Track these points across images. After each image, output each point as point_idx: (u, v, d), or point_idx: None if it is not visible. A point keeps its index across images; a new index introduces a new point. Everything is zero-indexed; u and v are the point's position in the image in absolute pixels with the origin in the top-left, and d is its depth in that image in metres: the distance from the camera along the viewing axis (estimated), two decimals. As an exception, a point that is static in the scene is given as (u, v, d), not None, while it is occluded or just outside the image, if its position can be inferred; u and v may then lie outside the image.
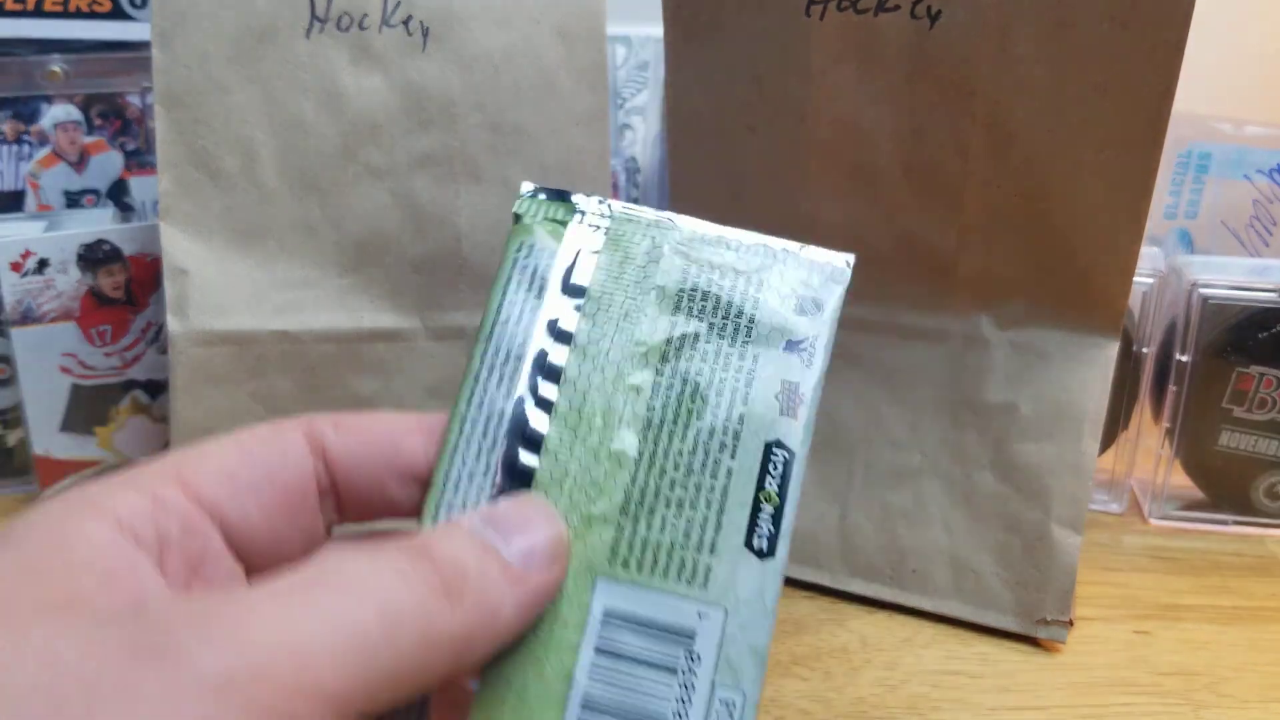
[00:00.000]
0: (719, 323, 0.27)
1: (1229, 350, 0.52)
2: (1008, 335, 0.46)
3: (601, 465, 0.26)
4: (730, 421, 0.26)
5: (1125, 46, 0.40)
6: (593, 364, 0.27)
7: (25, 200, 0.59)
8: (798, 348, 0.27)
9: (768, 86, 0.46)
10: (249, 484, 0.25)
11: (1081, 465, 0.44)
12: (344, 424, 0.26)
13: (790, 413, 0.26)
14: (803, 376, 0.27)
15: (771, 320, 0.27)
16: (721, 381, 0.27)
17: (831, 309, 0.28)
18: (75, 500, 0.22)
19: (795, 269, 0.28)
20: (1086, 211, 0.43)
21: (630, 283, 0.28)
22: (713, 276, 0.28)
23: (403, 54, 0.49)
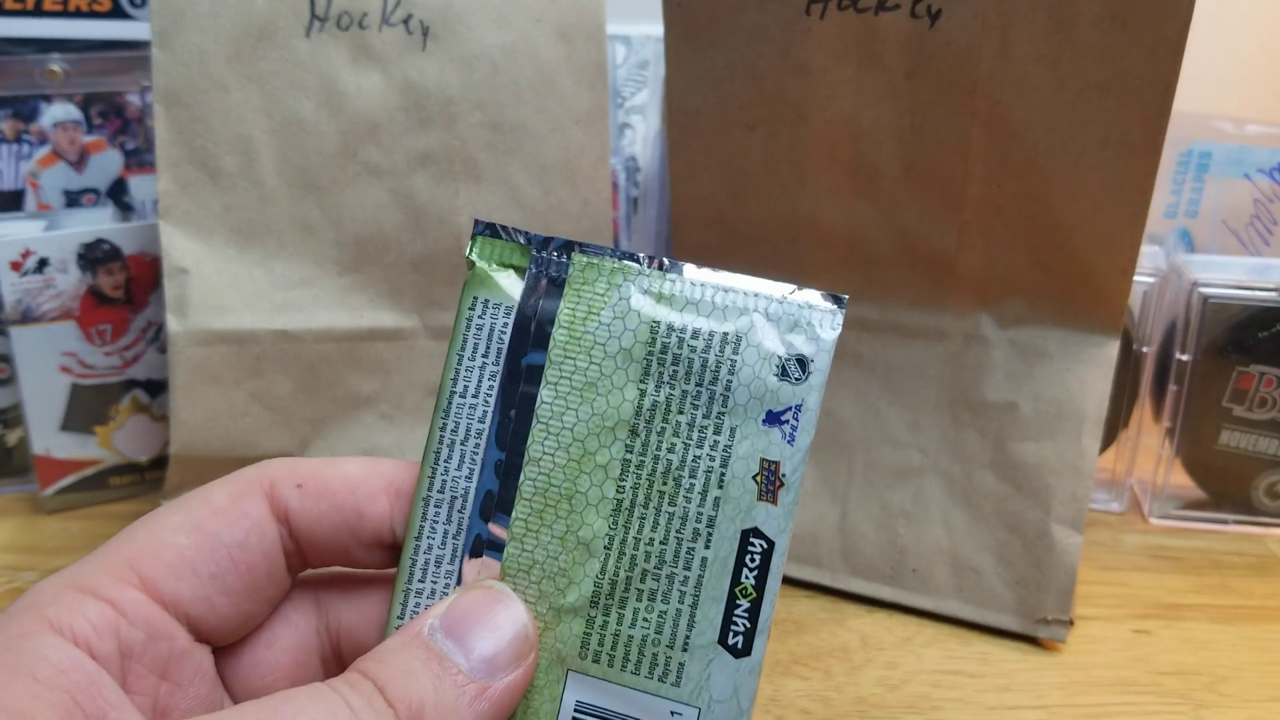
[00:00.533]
0: (691, 390, 0.24)
1: (1229, 349, 0.52)
2: (1008, 334, 0.46)
3: (570, 553, 0.24)
4: (704, 507, 0.24)
5: (1125, 45, 0.40)
6: (556, 441, 0.25)
7: (25, 199, 0.59)
8: (779, 420, 0.24)
9: (768, 85, 0.46)
10: (211, 574, 0.24)
11: (1082, 464, 0.44)
12: (309, 484, 0.25)
13: (769, 497, 0.24)
14: (784, 454, 0.24)
15: (750, 387, 0.24)
16: (695, 460, 0.24)
17: (819, 370, 0.24)
18: (30, 615, 0.21)
19: (779, 320, 0.25)
20: (1087, 210, 0.43)
21: (593, 343, 0.25)
22: (683, 335, 0.25)
23: (402, 53, 0.49)
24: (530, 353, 0.25)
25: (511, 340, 0.25)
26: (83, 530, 0.54)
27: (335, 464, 0.26)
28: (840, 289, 0.48)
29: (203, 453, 0.48)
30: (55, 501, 0.55)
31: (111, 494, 0.56)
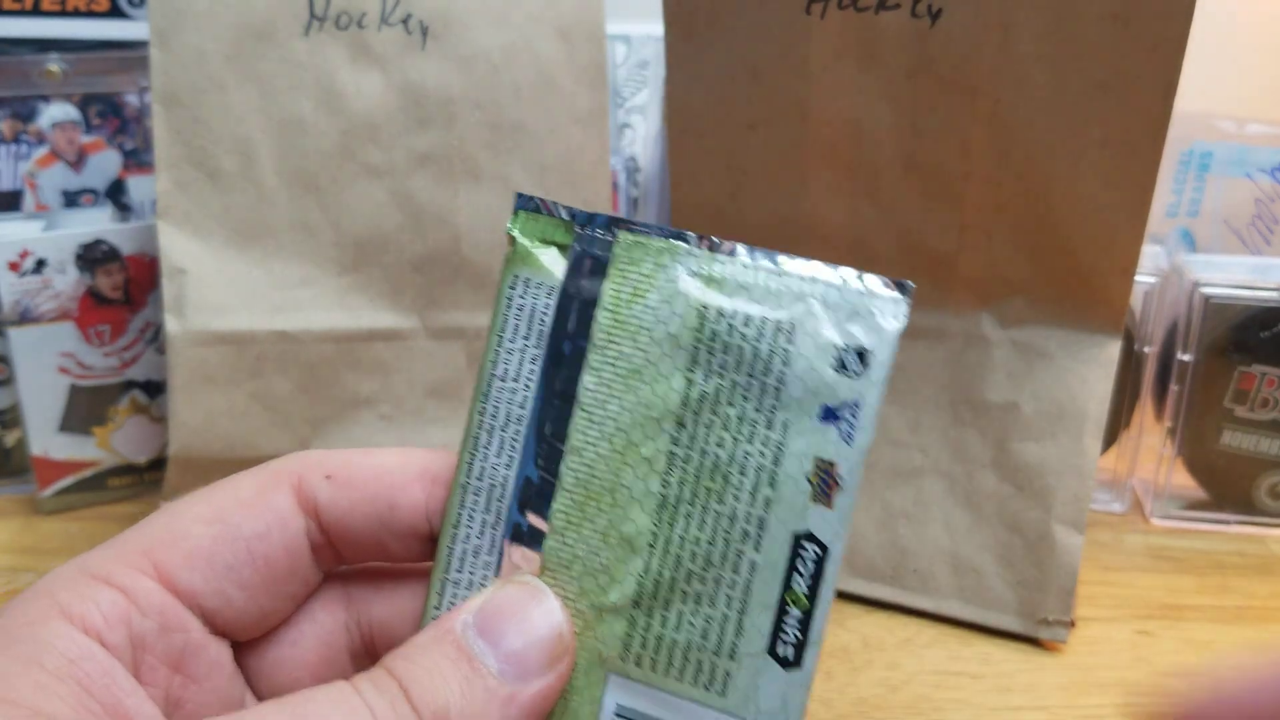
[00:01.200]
0: (742, 381, 0.23)
1: (1231, 349, 0.52)
2: (1009, 334, 0.46)
3: (612, 549, 0.23)
4: (754, 507, 0.23)
5: (1127, 44, 0.40)
6: (599, 430, 0.23)
7: (23, 200, 0.59)
8: (836, 416, 0.22)
9: (768, 84, 0.46)
10: (228, 565, 0.23)
11: (1083, 465, 0.44)
12: (339, 475, 0.24)
13: (824, 499, 0.22)
14: (840, 454, 0.22)
15: (805, 379, 0.22)
16: (745, 457, 0.23)
17: (880, 364, 0.22)
18: (41, 602, 0.21)
19: (837, 307, 0.23)
20: (1088, 210, 0.42)
21: (638, 328, 0.23)
22: (734, 321, 0.23)
23: (402, 53, 0.49)
24: (573, 336, 0.24)
25: (554, 322, 0.24)
26: (81, 531, 0.53)
27: (367, 454, 0.25)
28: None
29: (202, 454, 0.48)
30: (53, 503, 0.55)
31: (110, 495, 0.56)
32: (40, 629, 0.20)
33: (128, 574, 0.22)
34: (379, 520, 0.24)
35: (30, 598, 0.21)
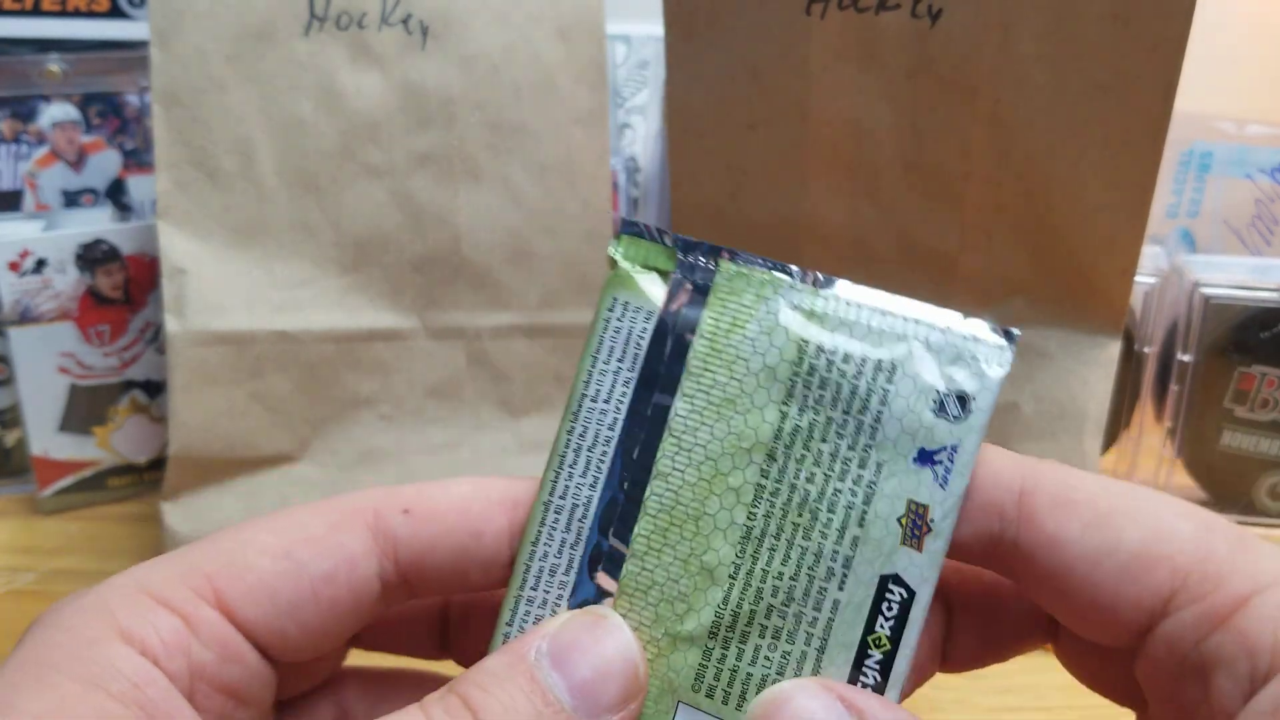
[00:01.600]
0: (838, 418, 0.22)
1: (1231, 350, 0.52)
2: (1009, 335, 0.46)
3: (691, 578, 0.23)
4: (841, 546, 0.22)
5: (1127, 45, 0.40)
6: (688, 457, 0.23)
7: (23, 200, 0.59)
8: (932, 460, 0.22)
9: (768, 84, 0.46)
10: (291, 603, 0.22)
11: (1083, 465, 0.44)
12: (418, 509, 0.23)
13: (914, 542, 0.22)
14: (934, 498, 0.22)
15: (902, 420, 0.22)
16: (836, 494, 0.22)
17: (980, 410, 0.22)
18: (100, 620, 0.21)
19: (940, 350, 0.22)
20: (1088, 210, 0.42)
21: (735, 357, 0.23)
22: (834, 358, 0.23)
23: (402, 53, 0.49)
24: (668, 362, 0.24)
25: (650, 347, 0.24)
26: (81, 531, 0.54)
27: (441, 486, 0.24)
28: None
29: (202, 453, 0.48)
30: (53, 502, 0.55)
31: (110, 495, 0.56)
32: (102, 649, 0.20)
33: (189, 600, 0.22)
34: (462, 551, 0.24)
35: (86, 612, 0.21)
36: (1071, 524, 0.21)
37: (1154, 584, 0.21)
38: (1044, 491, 0.22)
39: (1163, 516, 0.21)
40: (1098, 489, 0.22)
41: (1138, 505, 0.21)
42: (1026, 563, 0.22)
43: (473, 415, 0.51)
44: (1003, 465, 0.22)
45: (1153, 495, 0.22)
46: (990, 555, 0.23)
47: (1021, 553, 0.22)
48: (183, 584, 0.22)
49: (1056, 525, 0.21)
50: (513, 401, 0.52)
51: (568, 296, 0.51)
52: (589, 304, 0.51)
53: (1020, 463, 0.22)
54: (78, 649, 0.20)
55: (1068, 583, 0.21)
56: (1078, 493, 0.22)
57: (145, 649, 0.20)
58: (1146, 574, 0.21)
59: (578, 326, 0.51)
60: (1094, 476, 0.22)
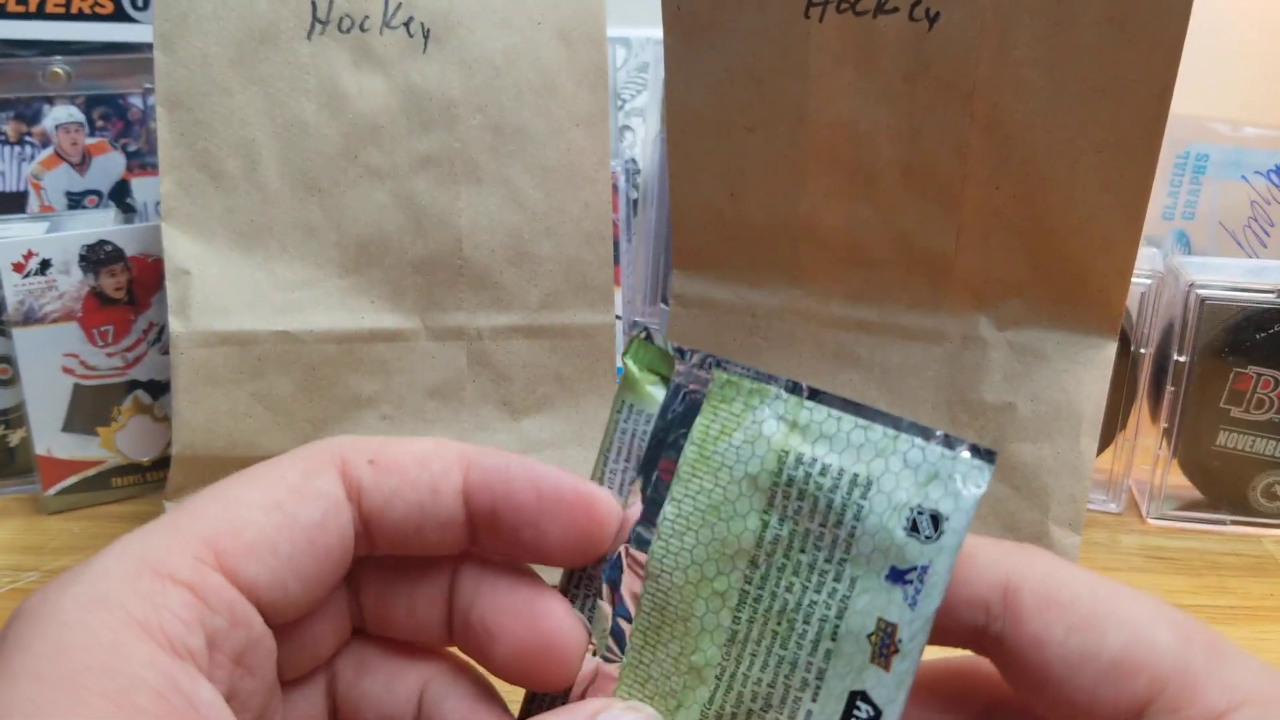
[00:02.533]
0: (815, 529, 0.23)
1: (1227, 350, 0.52)
2: (1006, 335, 0.46)
3: (681, 676, 0.23)
4: (815, 657, 0.22)
5: (1123, 48, 0.40)
6: (675, 560, 0.24)
7: (28, 201, 0.59)
8: (903, 578, 0.22)
9: (767, 87, 0.46)
10: (289, 556, 0.22)
11: (1079, 465, 0.44)
12: (381, 459, 0.24)
13: (881, 661, 0.22)
14: (902, 618, 0.22)
15: (875, 537, 0.22)
16: (811, 605, 0.22)
17: (953, 531, 0.22)
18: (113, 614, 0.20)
19: (918, 468, 0.22)
20: (1084, 212, 0.43)
21: (720, 464, 0.24)
22: (811, 469, 0.23)
23: (404, 56, 0.49)
24: (661, 464, 0.24)
25: (649, 449, 0.25)
26: (84, 530, 0.54)
27: (403, 440, 0.24)
28: (838, 291, 0.48)
29: (205, 453, 0.49)
30: (57, 502, 0.56)
31: (113, 494, 0.57)
32: (126, 658, 0.19)
33: (194, 568, 0.21)
34: (419, 507, 0.24)
35: (97, 606, 0.20)
36: (1056, 627, 0.21)
37: (1133, 691, 0.21)
38: (1029, 589, 0.22)
39: (1144, 622, 0.21)
40: (1083, 589, 0.22)
41: (1121, 608, 0.22)
42: (1011, 658, 0.22)
43: (473, 416, 0.52)
44: (988, 559, 0.22)
45: (1136, 596, 0.22)
46: (977, 645, 0.23)
47: (1006, 648, 0.22)
48: (185, 552, 0.21)
49: (1041, 626, 0.22)
50: (513, 402, 0.52)
51: (568, 297, 0.51)
52: (589, 305, 0.51)
53: (1005, 555, 0.22)
54: (100, 657, 0.19)
55: (1050, 682, 0.22)
56: (1063, 591, 0.22)
57: (169, 640, 0.20)
58: (1126, 681, 0.21)
59: (578, 327, 0.52)
60: (1079, 573, 0.22)
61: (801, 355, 0.49)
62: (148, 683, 0.19)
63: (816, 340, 0.49)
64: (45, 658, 0.19)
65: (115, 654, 0.19)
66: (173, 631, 0.20)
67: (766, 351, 0.49)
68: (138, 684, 0.19)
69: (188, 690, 0.20)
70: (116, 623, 0.19)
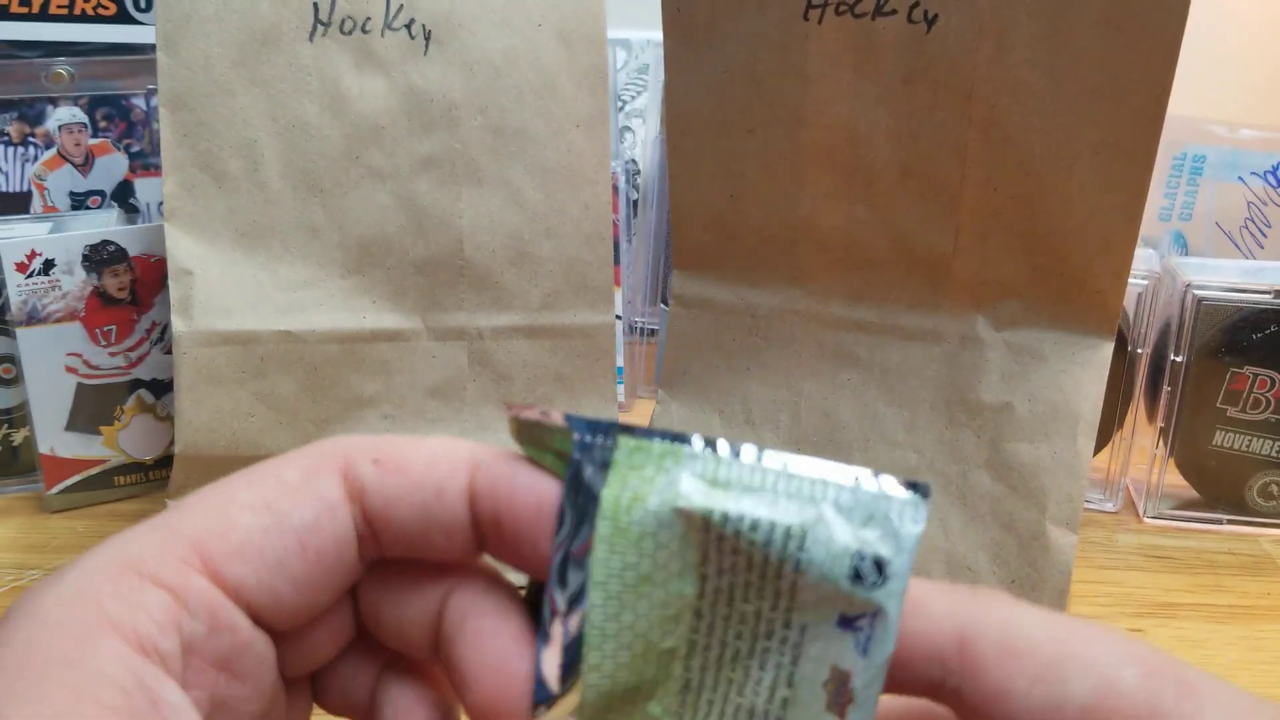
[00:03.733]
0: (755, 582, 0.21)
1: (1223, 351, 0.52)
2: (1003, 336, 0.46)
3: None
4: (772, 705, 0.21)
5: (1121, 50, 0.40)
6: (616, 642, 0.22)
7: (31, 202, 0.60)
8: (853, 625, 0.21)
9: (766, 89, 0.46)
10: (278, 559, 0.21)
11: (1077, 465, 0.44)
12: (386, 460, 0.23)
13: (837, 709, 0.21)
14: (855, 665, 0.21)
15: (818, 588, 0.21)
16: (765, 651, 0.21)
17: (898, 575, 0.21)
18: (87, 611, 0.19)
19: (850, 512, 0.21)
20: (1082, 213, 0.43)
21: (641, 534, 0.22)
22: (740, 526, 0.21)
23: (405, 57, 0.49)
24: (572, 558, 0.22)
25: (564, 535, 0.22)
26: (87, 529, 0.54)
27: (409, 440, 0.23)
28: (838, 291, 0.48)
29: (207, 452, 0.49)
30: (60, 500, 0.56)
31: (116, 493, 0.57)
32: (92, 651, 0.19)
33: (177, 570, 0.21)
34: (424, 509, 0.23)
35: (71, 602, 0.20)
36: (1018, 679, 0.20)
37: None
38: (987, 640, 0.21)
39: (1110, 664, 0.21)
40: (1042, 634, 0.21)
41: (1084, 651, 0.21)
42: (973, 712, 0.21)
43: (474, 415, 0.52)
44: (941, 609, 0.21)
45: (1099, 637, 0.21)
46: (935, 698, 0.22)
47: (967, 702, 0.21)
48: (167, 553, 0.21)
49: (1003, 679, 0.21)
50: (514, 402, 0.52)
51: (569, 298, 0.52)
52: (590, 305, 0.52)
53: (958, 605, 0.21)
54: (66, 650, 0.19)
55: None
56: (1021, 640, 0.21)
57: (140, 639, 0.20)
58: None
59: (579, 327, 0.52)
60: (1038, 616, 0.21)
61: (801, 355, 0.49)
62: (112, 678, 0.19)
63: (816, 340, 0.49)
64: (16, 650, 0.19)
65: (81, 647, 0.19)
66: (145, 632, 0.20)
67: (766, 351, 0.50)
68: (101, 679, 0.19)
69: (154, 690, 0.19)
70: (89, 619, 0.19)
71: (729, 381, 0.51)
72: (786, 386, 0.49)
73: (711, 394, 0.51)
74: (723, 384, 0.51)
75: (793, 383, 0.49)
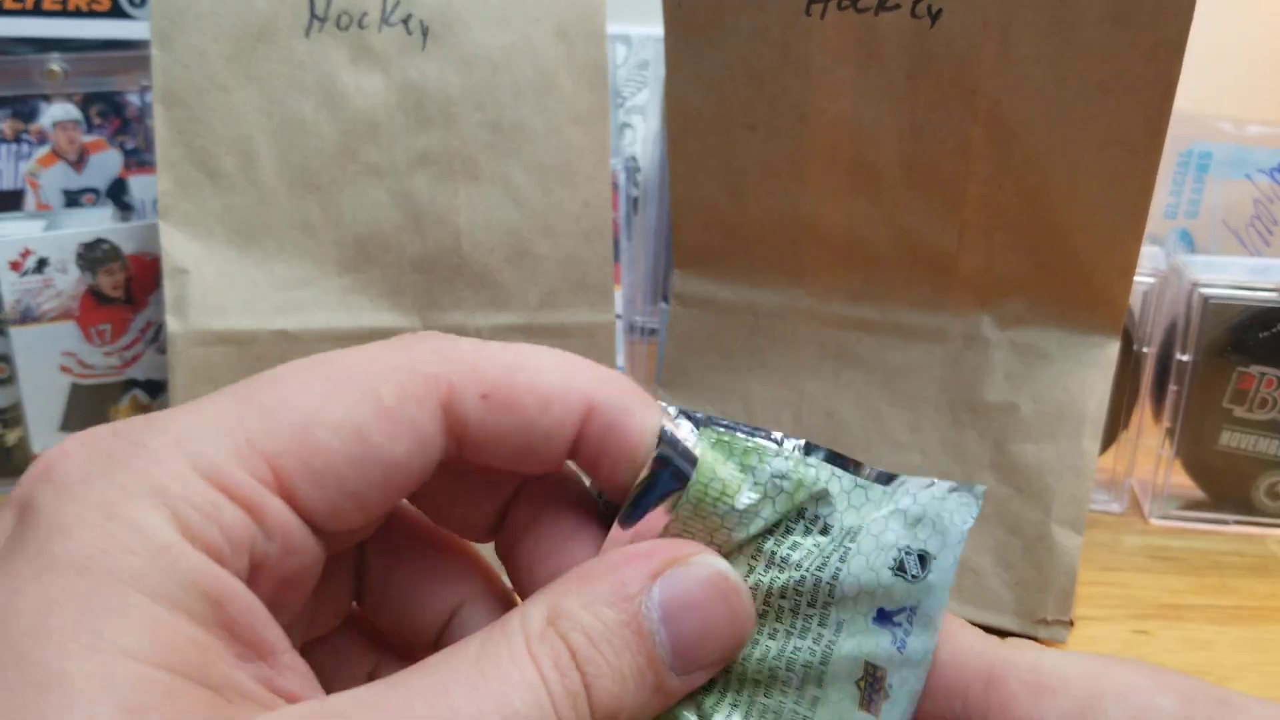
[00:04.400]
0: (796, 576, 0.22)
1: (1229, 350, 0.52)
2: (1008, 335, 0.46)
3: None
4: (801, 706, 0.21)
5: (1126, 46, 0.40)
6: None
7: (24, 199, 0.59)
8: (891, 620, 0.21)
9: (768, 85, 0.46)
10: (359, 491, 0.20)
11: (1082, 465, 0.44)
12: (496, 395, 0.21)
13: (870, 705, 0.21)
14: (891, 661, 0.21)
15: (860, 578, 0.21)
16: (795, 652, 0.21)
17: (942, 569, 0.20)
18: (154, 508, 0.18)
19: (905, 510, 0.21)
20: (1087, 210, 0.43)
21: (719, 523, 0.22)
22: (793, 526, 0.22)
23: (402, 53, 0.49)
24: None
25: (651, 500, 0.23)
26: (82, 530, 0.54)
27: (524, 369, 0.21)
28: (840, 289, 0.48)
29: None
30: (55, 501, 0.55)
31: (111, 494, 0.56)
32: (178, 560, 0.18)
33: (255, 489, 0.19)
34: (528, 447, 0.21)
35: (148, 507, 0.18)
36: (1051, 715, 0.20)
37: None
38: (1017, 679, 0.21)
39: (1143, 692, 0.20)
40: (1073, 670, 0.21)
41: (1117, 682, 0.20)
42: None
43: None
44: (971, 643, 0.21)
45: (1130, 667, 0.21)
46: None
47: None
48: (242, 467, 0.19)
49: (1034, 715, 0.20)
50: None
51: (567, 296, 0.51)
52: (589, 304, 0.51)
53: (988, 644, 0.21)
54: (150, 557, 0.17)
55: None
56: (1052, 676, 0.20)
57: (213, 550, 0.18)
58: None
59: (578, 326, 0.51)
60: (1068, 655, 0.21)
61: (803, 355, 0.49)
62: (201, 590, 0.18)
63: (818, 340, 0.48)
64: (90, 549, 0.17)
65: (168, 558, 0.18)
66: (219, 548, 0.19)
67: (768, 351, 0.49)
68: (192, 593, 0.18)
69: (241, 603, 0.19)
70: (163, 525, 0.18)
71: (730, 381, 0.50)
72: (788, 386, 0.49)
73: (712, 394, 0.51)
74: (724, 383, 0.50)
75: (794, 382, 0.49)
